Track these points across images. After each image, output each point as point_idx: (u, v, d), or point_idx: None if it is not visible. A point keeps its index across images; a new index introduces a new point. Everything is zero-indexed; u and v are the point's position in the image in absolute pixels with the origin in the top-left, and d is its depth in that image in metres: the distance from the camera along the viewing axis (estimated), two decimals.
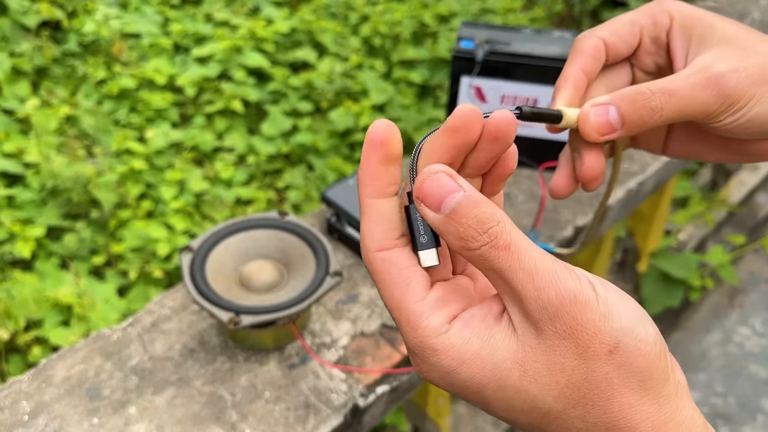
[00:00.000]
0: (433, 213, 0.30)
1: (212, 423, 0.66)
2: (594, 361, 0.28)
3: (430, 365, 0.30)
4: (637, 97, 0.44)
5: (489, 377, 0.29)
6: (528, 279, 0.28)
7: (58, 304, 1.61)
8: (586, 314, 0.28)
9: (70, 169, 1.98)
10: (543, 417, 0.29)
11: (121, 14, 2.87)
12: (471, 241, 0.29)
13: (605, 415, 0.28)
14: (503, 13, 3.22)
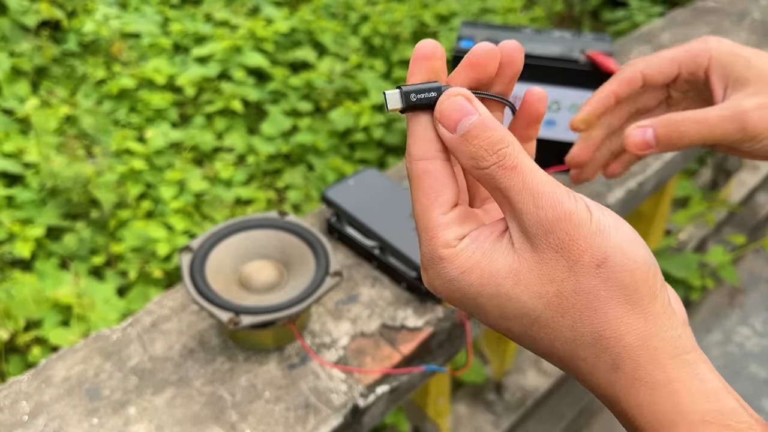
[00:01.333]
0: (449, 133, 0.33)
1: (212, 423, 0.66)
2: (582, 274, 0.30)
3: (435, 272, 0.34)
4: (670, 123, 0.54)
5: (485, 284, 0.32)
6: (529, 198, 0.31)
7: (58, 305, 1.61)
8: (578, 231, 0.30)
9: (69, 169, 1.98)
10: (533, 324, 0.32)
11: (120, 14, 2.87)
12: (481, 160, 0.32)
13: (592, 325, 0.30)
14: (503, 13, 3.22)
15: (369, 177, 0.92)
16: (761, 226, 2.14)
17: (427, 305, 0.79)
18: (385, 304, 0.79)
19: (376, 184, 0.90)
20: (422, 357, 0.77)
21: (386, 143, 2.41)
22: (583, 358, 0.31)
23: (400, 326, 0.76)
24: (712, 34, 1.40)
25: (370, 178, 0.92)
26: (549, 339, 0.32)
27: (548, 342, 0.32)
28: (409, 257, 0.79)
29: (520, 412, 1.41)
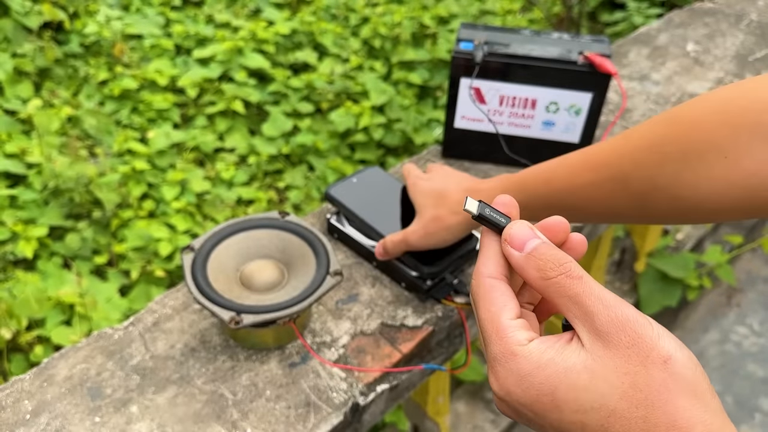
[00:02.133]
0: (516, 252, 0.38)
1: (213, 422, 0.66)
2: (652, 368, 0.32)
3: (508, 370, 0.36)
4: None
5: (561, 379, 0.34)
6: (598, 301, 0.35)
7: (60, 304, 1.61)
8: (645, 331, 0.33)
9: (72, 170, 1.99)
10: (609, 416, 0.33)
11: (122, 15, 2.88)
12: (549, 271, 0.36)
13: (665, 415, 0.32)
14: (502, 15, 3.23)
15: (372, 175, 0.92)
16: (758, 226, 2.15)
17: (426, 304, 0.79)
18: (384, 303, 0.79)
19: (380, 183, 0.91)
20: (422, 356, 0.78)
21: (386, 144, 2.42)
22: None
23: (399, 325, 0.77)
24: (710, 35, 1.40)
25: (374, 176, 0.92)
26: (624, 429, 0.33)
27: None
28: (410, 256, 0.79)
29: None
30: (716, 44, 1.37)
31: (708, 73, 1.27)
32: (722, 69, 1.28)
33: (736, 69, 1.28)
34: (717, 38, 1.39)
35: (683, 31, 1.42)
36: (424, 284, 0.78)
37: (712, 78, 1.25)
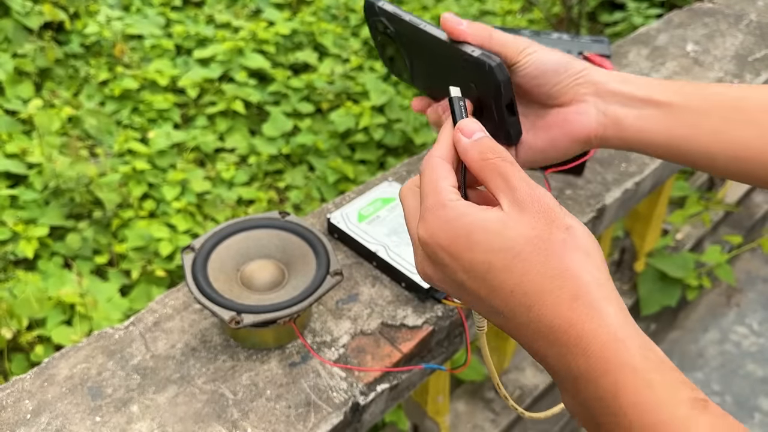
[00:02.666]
0: (465, 138, 0.45)
1: (214, 421, 0.66)
2: (555, 229, 0.39)
3: (436, 216, 0.42)
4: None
5: (478, 224, 0.41)
6: (522, 181, 0.42)
7: (61, 304, 1.62)
8: (555, 208, 0.41)
9: (72, 170, 1.99)
10: (514, 257, 0.39)
11: (123, 16, 2.88)
12: (488, 153, 0.44)
13: (560, 262, 0.38)
14: (502, 15, 3.23)
15: None
16: (758, 226, 2.15)
17: (426, 304, 0.79)
18: (385, 303, 0.79)
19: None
20: (422, 355, 0.78)
21: (386, 144, 2.42)
22: (550, 289, 0.38)
23: (399, 325, 0.77)
24: (710, 36, 1.41)
25: None
26: (523, 271, 0.39)
27: (522, 273, 0.39)
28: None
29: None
30: (716, 44, 1.37)
31: (707, 73, 1.27)
32: (722, 69, 1.28)
33: (735, 69, 1.29)
34: (716, 38, 1.39)
35: (683, 32, 1.42)
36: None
37: (711, 78, 1.26)
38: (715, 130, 0.53)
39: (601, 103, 0.56)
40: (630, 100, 0.55)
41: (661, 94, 0.54)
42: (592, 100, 0.56)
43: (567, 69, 0.56)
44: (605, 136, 0.56)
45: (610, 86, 0.55)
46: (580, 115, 0.56)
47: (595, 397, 0.36)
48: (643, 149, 0.56)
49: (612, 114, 0.55)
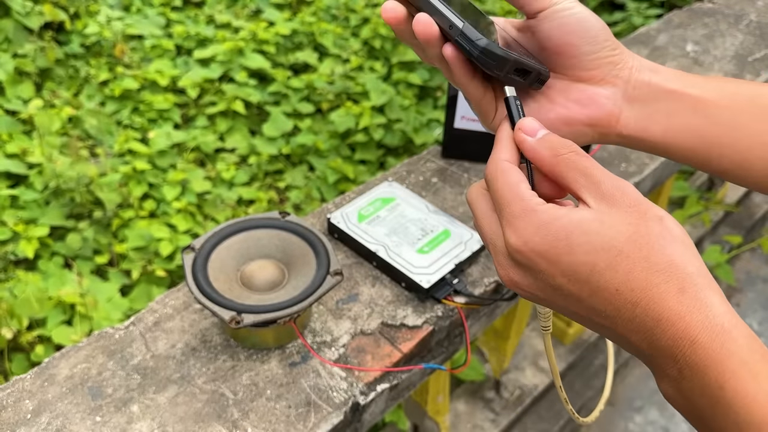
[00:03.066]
0: (529, 137, 0.43)
1: (214, 421, 0.66)
2: (650, 222, 0.39)
3: (528, 222, 0.40)
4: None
5: (576, 225, 0.39)
6: (603, 173, 0.40)
7: (61, 304, 1.62)
8: (641, 198, 0.39)
9: (73, 170, 1.99)
10: (617, 255, 0.38)
11: (123, 16, 2.88)
12: (560, 149, 0.42)
13: (664, 256, 0.38)
14: (502, 15, 3.23)
15: None
16: (757, 226, 2.15)
17: (426, 304, 0.80)
18: (385, 303, 0.80)
19: None
20: (422, 355, 0.78)
21: (386, 144, 2.42)
22: (656, 284, 0.37)
23: (399, 325, 0.77)
24: (709, 36, 1.41)
25: None
26: (628, 269, 0.38)
27: (627, 271, 0.38)
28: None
29: (518, 410, 1.42)
30: (715, 45, 1.37)
31: (707, 73, 1.27)
32: (721, 69, 1.29)
33: (735, 69, 1.29)
34: (716, 39, 1.39)
35: (682, 32, 1.42)
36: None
37: None
38: (758, 132, 0.48)
39: (630, 91, 0.50)
40: (658, 92, 0.49)
41: (693, 88, 0.49)
42: (622, 85, 0.50)
43: (607, 38, 0.49)
44: (625, 132, 0.50)
45: (642, 75, 0.49)
46: (607, 99, 0.50)
47: (700, 386, 0.36)
48: (666, 153, 0.51)
49: (639, 109, 0.50)
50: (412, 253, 0.81)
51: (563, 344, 1.60)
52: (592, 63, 0.49)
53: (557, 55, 0.49)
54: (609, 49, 0.49)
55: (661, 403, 1.72)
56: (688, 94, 0.49)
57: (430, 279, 0.78)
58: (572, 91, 0.50)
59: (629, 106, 0.50)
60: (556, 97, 0.50)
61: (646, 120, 0.50)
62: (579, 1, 0.49)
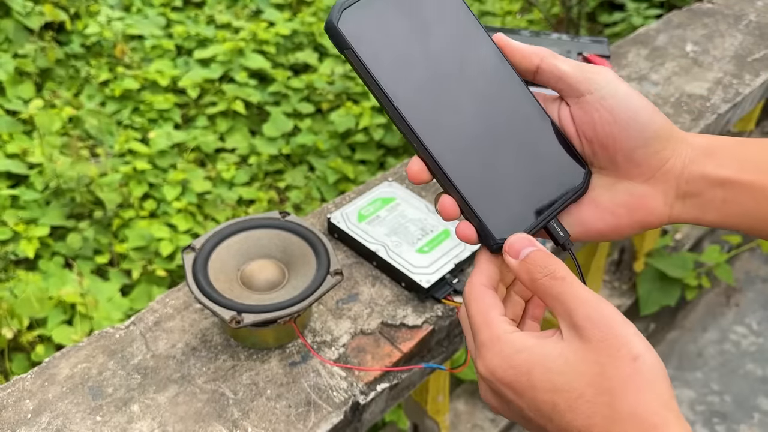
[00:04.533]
0: (514, 259, 0.42)
1: (214, 421, 0.67)
2: (621, 362, 0.36)
3: (494, 353, 0.40)
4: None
5: (538, 361, 0.38)
6: (577, 300, 0.39)
7: (62, 303, 1.62)
8: (620, 330, 0.37)
9: (73, 170, 1.99)
10: (578, 398, 0.37)
11: (123, 16, 2.88)
12: (536, 274, 0.41)
13: (627, 404, 0.35)
14: (502, 15, 3.23)
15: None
16: None
17: (426, 304, 0.80)
18: (385, 302, 0.80)
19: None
20: (422, 355, 0.78)
21: (386, 144, 2.42)
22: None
23: (399, 324, 0.77)
24: (709, 36, 1.41)
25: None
26: (589, 413, 0.36)
27: (587, 416, 0.36)
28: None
29: None
30: (715, 45, 1.37)
31: (707, 73, 1.28)
32: (721, 70, 1.29)
33: (735, 69, 1.29)
34: (716, 39, 1.39)
35: (682, 32, 1.42)
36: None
37: (711, 79, 1.26)
38: None
39: (684, 185, 0.44)
40: (714, 183, 0.44)
41: (751, 172, 0.43)
42: (673, 182, 0.44)
43: (657, 128, 0.44)
44: (676, 222, 0.46)
45: (695, 167, 0.44)
46: (658, 201, 0.45)
47: None
48: (724, 228, 0.47)
49: (692, 203, 0.45)
50: (412, 253, 0.82)
51: None
52: (640, 159, 0.44)
53: (601, 148, 0.45)
54: (659, 140, 0.44)
55: None
56: (745, 182, 0.43)
57: (430, 279, 0.79)
58: (619, 193, 0.46)
59: (681, 202, 0.45)
60: (603, 200, 0.46)
61: (698, 210, 0.45)
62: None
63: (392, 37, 0.43)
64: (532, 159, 0.45)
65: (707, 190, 0.44)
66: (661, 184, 0.44)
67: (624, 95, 0.43)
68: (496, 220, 0.44)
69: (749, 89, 1.23)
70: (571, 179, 0.46)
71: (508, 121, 0.45)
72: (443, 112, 0.44)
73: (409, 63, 0.44)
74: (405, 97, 0.43)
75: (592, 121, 0.44)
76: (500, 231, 0.44)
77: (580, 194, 0.46)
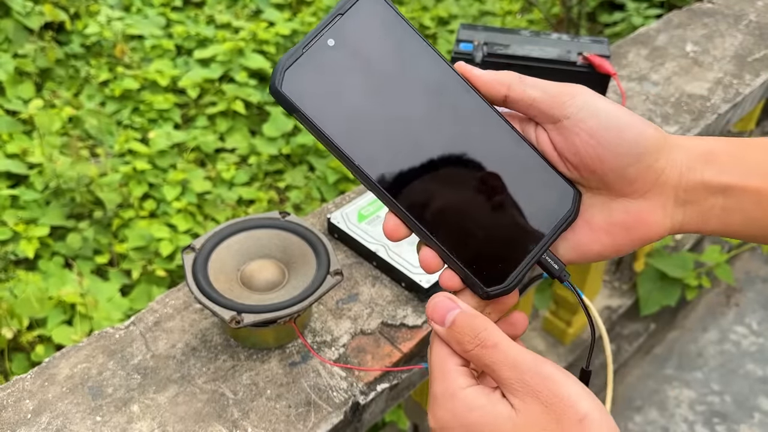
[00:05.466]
0: (440, 327, 0.41)
1: (214, 421, 0.66)
2: (568, 425, 0.36)
3: (446, 409, 0.39)
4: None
5: (488, 421, 0.37)
6: (514, 368, 0.38)
7: (62, 303, 1.62)
8: (562, 390, 0.36)
9: (73, 170, 1.99)
10: None
11: (123, 16, 2.88)
12: (466, 344, 0.39)
13: None
14: (502, 15, 3.23)
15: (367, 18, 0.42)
16: None
17: (426, 304, 0.80)
18: (385, 302, 0.80)
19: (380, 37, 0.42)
20: (422, 355, 0.78)
21: None
22: None
23: (399, 324, 0.77)
24: (709, 36, 1.41)
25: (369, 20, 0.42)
26: None
27: None
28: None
29: None
30: (715, 45, 1.37)
31: (707, 73, 1.27)
32: (721, 70, 1.29)
33: (735, 69, 1.29)
34: (716, 39, 1.39)
35: (682, 32, 1.42)
36: (423, 284, 0.78)
37: (711, 79, 1.26)
38: None
39: (682, 194, 0.41)
40: (714, 190, 0.41)
41: (754, 177, 0.40)
42: (671, 192, 0.41)
43: (646, 139, 0.40)
44: (679, 232, 0.44)
45: (693, 174, 0.41)
46: (654, 213, 0.42)
47: None
48: (727, 237, 0.44)
49: (693, 212, 0.42)
50: (411, 253, 0.82)
51: (563, 344, 1.61)
52: (633, 176, 0.40)
53: (589, 172, 0.41)
54: (651, 153, 0.40)
55: (660, 403, 1.72)
56: (749, 188, 0.40)
57: (429, 279, 0.79)
58: (614, 212, 0.42)
59: (681, 210, 0.42)
60: (597, 221, 0.43)
61: (699, 219, 0.42)
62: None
63: (343, 90, 0.40)
64: (516, 194, 0.42)
65: (707, 198, 0.41)
66: (658, 197, 0.41)
67: (605, 114, 0.40)
68: (483, 268, 0.41)
69: (749, 89, 1.23)
70: (559, 206, 0.42)
71: (483, 157, 0.42)
72: (410, 161, 0.40)
73: (366, 115, 0.40)
74: (366, 154, 0.40)
75: (575, 146, 0.41)
76: (488, 279, 0.41)
77: (571, 220, 0.42)
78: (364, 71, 0.40)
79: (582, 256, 0.44)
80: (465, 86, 0.42)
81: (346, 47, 0.40)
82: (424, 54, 0.41)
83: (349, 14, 0.40)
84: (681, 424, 1.68)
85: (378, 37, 0.40)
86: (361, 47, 0.40)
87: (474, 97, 0.42)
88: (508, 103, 0.42)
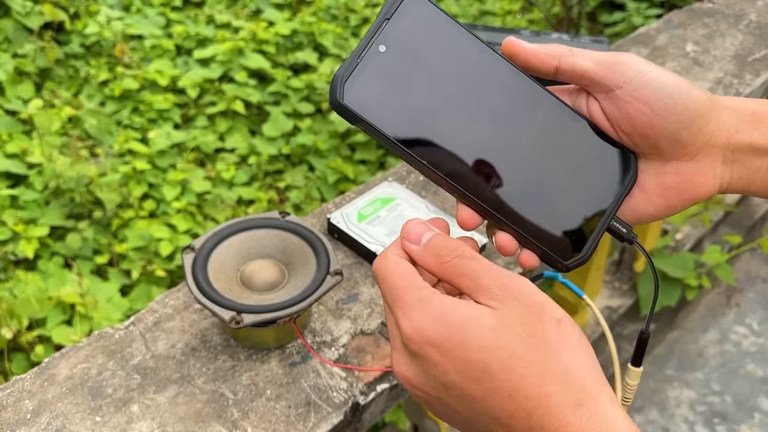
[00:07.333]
0: (415, 246, 0.41)
1: (214, 421, 0.66)
2: (546, 324, 0.37)
3: (424, 312, 0.38)
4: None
5: (473, 317, 0.37)
6: (492, 273, 0.38)
7: (61, 304, 1.62)
8: (537, 296, 0.38)
9: (72, 170, 1.99)
10: (511, 356, 0.36)
11: (123, 16, 2.88)
12: (445, 256, 0.40)
13: (559, 363, 0.36)
14: (502, 15, 3.23)
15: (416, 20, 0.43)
16: (757, 226, 2.15)
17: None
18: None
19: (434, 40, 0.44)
20: None
21: None
22: (552, 393, 0.36)
23: None
24: (709, 36, 1.41)
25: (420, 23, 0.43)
26: (523, 372, 0.36)
27: (521, 375, 0.36)
28: None
29: None
30: (715, 45, 1.37)
31: (707, 73, 1.27)
32: (721, 69, 1.29)
33: (735, 69, 1.29)
34: (716, 39, 1.39)
35: (682, 32, 1.42)
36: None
37: (711, 78, 1.26)
38: None
39: (730, 155, 0.43)
40: (761, 150, 0.43)
41: None
42: (720, 153, 0.43)
43: (696, 106, 0.41)
44: (727, 191, 0.45)
45: (741, 136, 0.43)
46: (705, 174, 0.43)
47: None
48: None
49: (740, 172, 0.44)
50: None
51: None
52: (685, 140, 0.42)
53: (642, 138, 0.43)
54: (702, 117, 0.42)
55: (660, 403, 1.72)
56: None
57: None
58: (667, 175, 0.44)
59: (729, 170, 0.44)
60: (650, 184, 0.44)
61: (746, 179, 0.44)
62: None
63: (402, 93, 0.41)
64: (581, 168, 0.44)
65: (754, 159, 0.43)
66: (708, 158, 0.43)
67: (657, 82, 0.41)
68: (560, 243, 0.43)
69: (750, 89, 1.23)
70: (620, 173, 0.44)
71: (546, 139, 0.43)
72: (478, 154, 0.42)
73: (428, 115, 0.41)
74: (436, 154, 0.41)
75: (628, 115, 0.42)
76: (566, 252, 0.43)
77: (632, 184, 0.44)
78: (418, 72, 0.41)
79: (638, 219, 0.45)
80: (516, 71, 0.43)
81: (397, 51, 0.41)
82: (472, 46, 0.42)
83: (396, 17, 0.41)
84: (681, 424, 1.68)
85: (426, 35, 0.42)
86: (411, 48, 0.41)
87: (526, 80, 0.43)
88: (559, 75, 0.43)
